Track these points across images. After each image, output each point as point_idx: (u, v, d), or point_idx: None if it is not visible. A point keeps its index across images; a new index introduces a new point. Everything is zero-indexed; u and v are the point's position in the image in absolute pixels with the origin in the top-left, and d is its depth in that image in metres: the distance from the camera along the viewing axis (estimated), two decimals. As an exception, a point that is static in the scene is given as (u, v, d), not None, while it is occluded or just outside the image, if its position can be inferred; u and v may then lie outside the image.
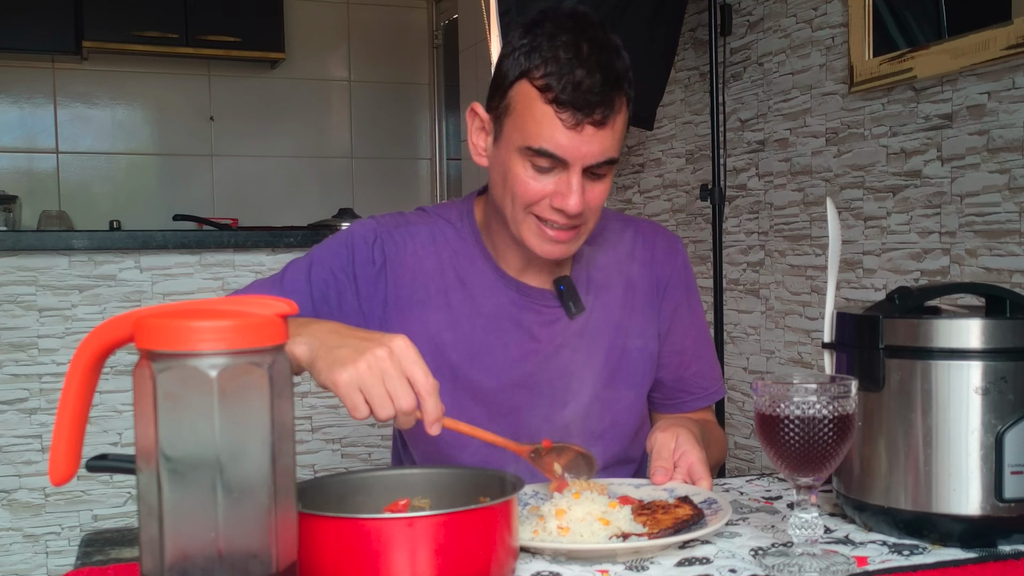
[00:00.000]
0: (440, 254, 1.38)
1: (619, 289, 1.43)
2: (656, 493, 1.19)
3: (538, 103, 1.21)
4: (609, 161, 1.25)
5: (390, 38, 5.34)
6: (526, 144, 1.23)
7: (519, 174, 1.25)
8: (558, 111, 1.20)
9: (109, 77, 4.83)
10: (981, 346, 1.01)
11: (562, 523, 1.05)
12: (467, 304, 1.37)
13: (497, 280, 1.38)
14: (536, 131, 1.22)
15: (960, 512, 1.01)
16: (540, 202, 1.26)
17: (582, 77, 1.19)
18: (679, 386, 1.50)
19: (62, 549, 2.70)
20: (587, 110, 1.20)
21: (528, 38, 1.24)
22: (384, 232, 1.38)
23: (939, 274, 2.13)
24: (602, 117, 1.21)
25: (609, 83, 1.21)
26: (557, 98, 1.20)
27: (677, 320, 1.47)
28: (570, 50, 1.21)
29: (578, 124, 1.20)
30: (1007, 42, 1.90)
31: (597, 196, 1.27)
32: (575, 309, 1.38)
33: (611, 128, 1.23)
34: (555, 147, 1.21)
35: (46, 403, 2.68)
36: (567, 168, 1.23)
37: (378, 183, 5.33)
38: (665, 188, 3.30)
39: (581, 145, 1.21)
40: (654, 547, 1.02)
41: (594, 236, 1.41)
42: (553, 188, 1.24)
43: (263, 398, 0.74)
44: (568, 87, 1.19)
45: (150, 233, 2.78)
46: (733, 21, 2.87)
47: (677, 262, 1.48)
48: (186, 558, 0.73)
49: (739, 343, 2.90)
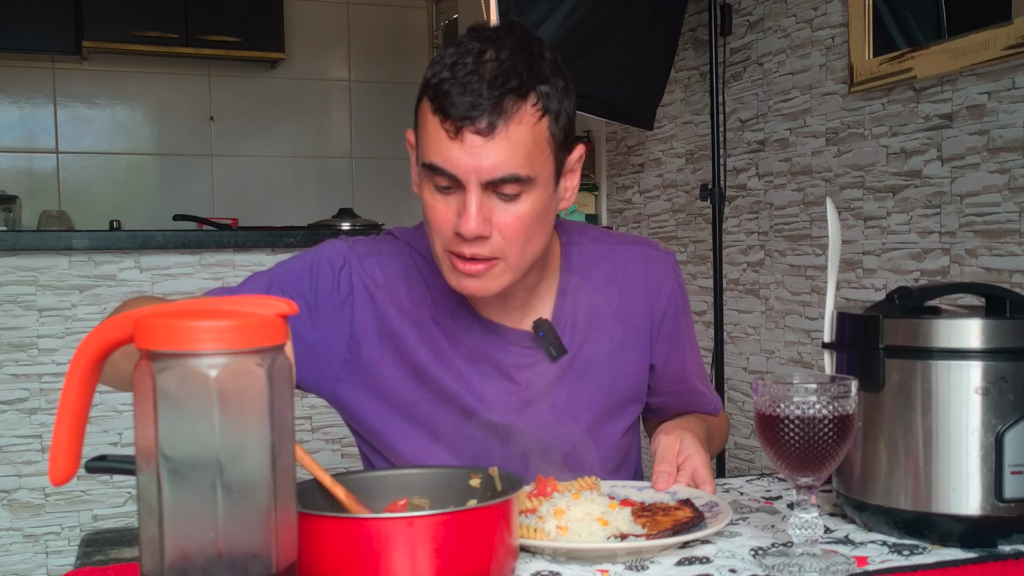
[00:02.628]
0: (412, 291, 1.28)
1: (608, 324, 1.32)
2: (658, 496, 1.19)
3: (428, 116, 1.12)
4: (512, 178, 1.10)
5: (390, 38, 5.35)
6: (422, 161, 1.14)
7: (426, 198, 1.16)
8: (442, 120, 1.10)
9: (109, 77, 4.83)
10: (981, 346, 1.01)
11: (560, 523, 1.05)
12: (441, 344, 1.27)
13: (473, 321, 1.28)
14: (426, 146, 1.13)
15: (960, 512, 1.01)
16: (445, 230, 1.15)
17: (468, 82, 1.08)
18: (685, 409, 1.44)
19: (62, 549, 2.70)
20: (466, 115, 1.08)
21: (446, 49, 1.14)
22: (354, 259, 1.28)
23: (939, 274, 2.14)
24: (487, 125, 1.08)
25: (499, 86, 1.08)
26: (440, 106, 1.10)
27: (675, 347, 1.38)
28: (469, 56, 1.10)
29: (459, 133, 1.09)
30: (1007, 42, 1.90)
31: (511, 222, 1.13)
32: (556, 353, 1.28)
33: (505, 138, 1.09)
34: (442, 161, 1.10)
35: (46, 403, 2.69)
36: (463, 187, 1.11)
37: (378, 183, 5.32)
38: (665, 188, 3.30)
39: (465, 157, 1.09)
40: (652, 548, 1.02)
41: (581, 265, 1.33)
42: (454, 211, 1.13)
43: (263, 398, 0.74)
44: (452, 92, 1.08)
45: (150, 233, 2.78)
46: (733, 21, 2.87)
47: (672, 287, 1.37)
48: (186, 558, 0.73)
49: (739, 343, 2.90)
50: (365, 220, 3.68)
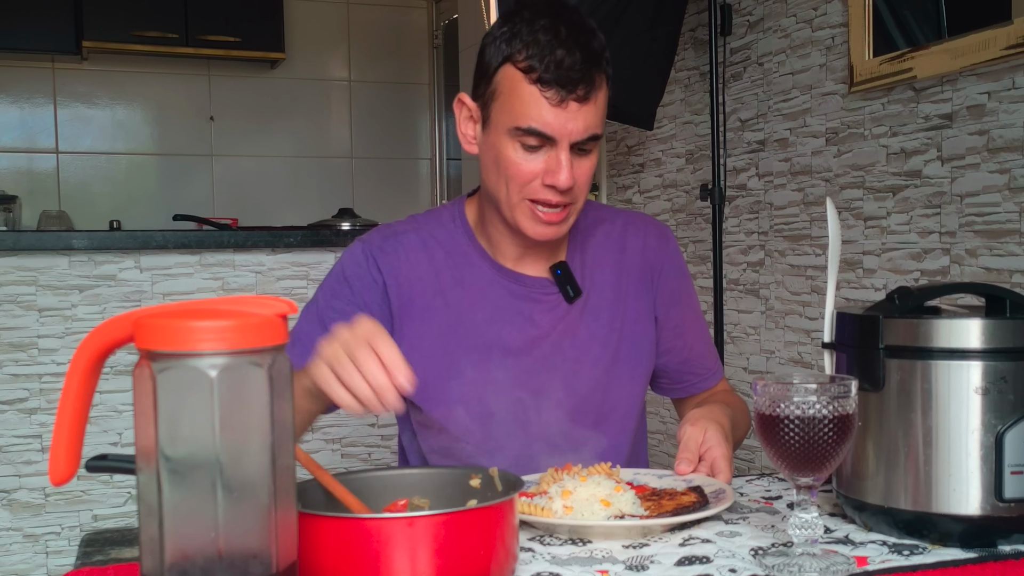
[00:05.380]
0: (433, 258, 1.41)
1: (613, 275, 1.46)
2: (674, 483, 1.22)
3: (523, 84, 1.27)
4: (593, 137, 1.30)
5: (390, 38, 5.34)
6: (515, 125, 1.28)
7: (510, 156, 1.30)
8: (543, 90, 1.26)
9: (109, 77, 4.83)
10: (981, 346, 1.01)
11: (567, 503, 1.09)
12: (467, 301, 1.40)
13: (494, 274, 1.41)
14: (523, 111, 1.27)
15: (960, 512, 1.01)
16: (532, 182, 1.30)
17: (563, 56, 1.25)
18: (684, 368, 1.53)
19: (62, 549, 2.70)
20: (570, 87, 1.25)
21: (508, 25, 1.30)
22: (373, 249, 1.41)
23: (939, 274, 2.13)
24: (584, 93, 1.26)
25: (589, 61, 1.27)
26: (541, 77, 1.25)
27: (673, 304, 1.50)
28: (549, 32, 1.26)
29: (562, 101, 1.26)
30: (1007, 42, 1.90)
31: (584, 172, 1.32)
32: (573, 293, 1.41)
33: (593, 104, 1.28)
34: (542, 125, 1.27)
35: (46, 403, 2.68)
36: (555, 145, 1.28)
37: (378, 183, 5.32)
38: (665, 188, 3.30)
39: (567, 122, 1.27)
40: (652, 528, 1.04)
41: (587, 225, 1.47)
42: (543, 166, 1.29)
43: (263, 398, 0.74)
44: (551, 66, 1.25)
45: (150, 233, 2.78)
46: (733, 21, 2.87)
47: (669, 249, 1.51)
48: (186, 558, 0.73)
49: (739, 343, 2.90)
50: (365, 220, 3.69)
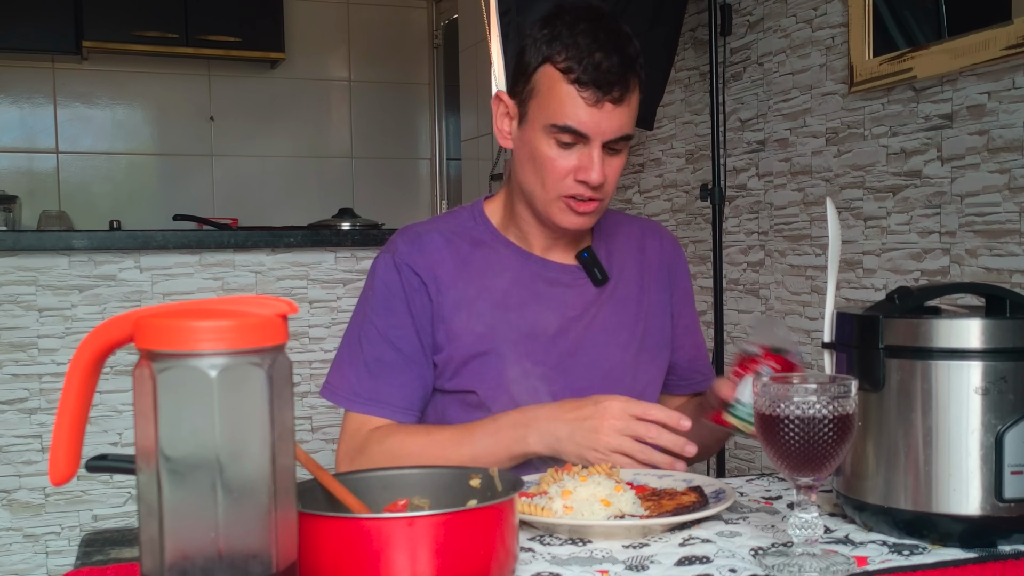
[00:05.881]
0: (458, 251, 1.46)
1: (635, 270, 1.53)
2: (674, 483, 1.22)
3: (561, 84, 1.33)
4: (625, 137, 1.37)
5: (390, 38, 5.34)
6: (551, 122, 1.34)
7: (545, 152, 1.36)
8: (580, 90, 1.32)
9: (109, 77, 4.83)
10: (981, 346, 1.01)
11: (567, 503, 1.09)
12: (500, 287, 1.44)
13: (523, 261, 1.47)
14: (560, 109, 1.33)
15: (960, 512, 1.01)
16: (566, 179, 1.36)
17: (601, 59, 1.31)
18: (692, 366, 1.59)
19: (62, 549, 2.70)
20: (606, 88, 1.32)
21: (548, 28, 1.36)
22: (401, 256, 1.45)
23: (939, 274, 2.14)
24: (619, 95, 1.33)
25: (625, 64, 1.33)
26: (579, 79, 1.32)
27: (686, 305, 1.59)
28: (588, 36, 1.33)
29: (598, 101, 1.32)
30: (1007, 42, 1.90)
31: (614, 170, 1.39)
32: (600, 276, 1.48)
33: (627, 106, 1.35)
34: (578, 123, 1.33)
35: (46, 403, 2.68)
36: (588, 143, 1.34)
37: (378, 183, 5.33)
38: (665, 188, 3.30)
39: (601, 121, 1.33)
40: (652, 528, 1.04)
41: (608, 226, 1.54)
42: (576, 163, 1.35)
43: (263, 398, 0.73)
44: (589, 68, 1.31)
45: (150, 233, 2.78)
46: (733, 21, 2.87)
47: (680, 254, 1.61)
48: (186, 558, 0.73)
49: (739, 343, 2.90)
50: (365, 220, 3.68)
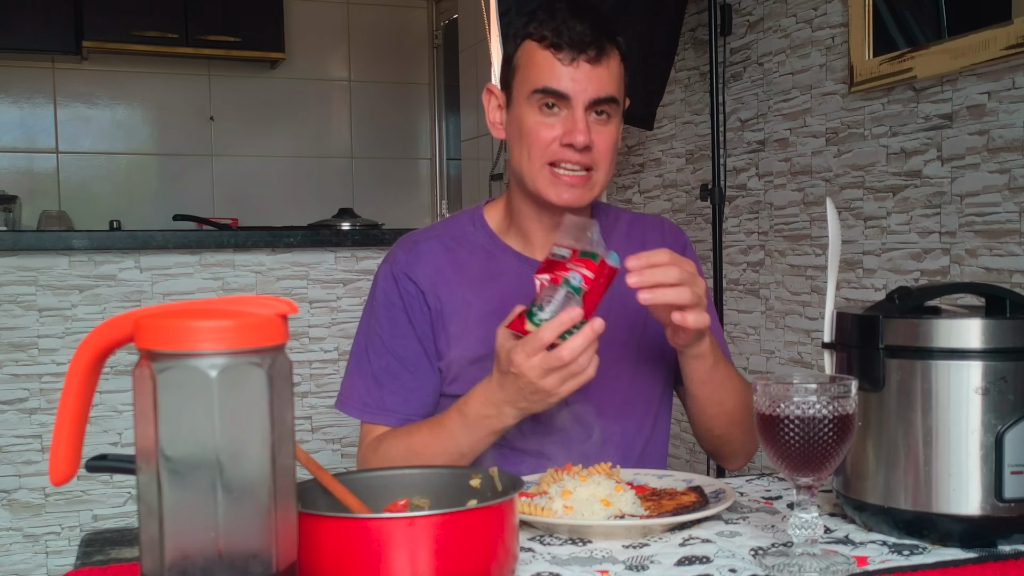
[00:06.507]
0: (456, 258, 1.47)
1: None
2: (674, 483, 1.22)
3: (538, 51, 1.38)
4: (610, 99, 1.38)
5: (390, 38, 5.34)
6: (532, 88, 1.38)
7: (529, 121, 1.39)
8: (555, 52, 1.37)
9: (109, 77, 4.83)
10: (981, 346, 1.01)
11: (567, 503, 1.09)
12: (498, 293, 1.43)
13: (520, 265, 1.46)
14: (538, 75, 1.38)
15: (960, 512, 1.01)
16: (552, 145, 1.38)
17: (574, 24, 1.37)
18: None
19: (62, 549, 2.70)
20: (580, 47, 1.36)
21: (527, 15, 1.42)
22: (399, 266, 1.47)
23: (939, 274, 2.14)
24: (595, 55, 1.36)
25: (599, 28, 1.38)
26: (553, 42, 1.37)
27: None
28: (563, 10, 1.39)
29: (574, 60, 1.36)
30: (1007, 42, 1.90)
31: (605, 140, 1.39)
32: None
33: (606, 68, 1.38)
34: (556, 83, 1.36)
35: (46, 403, 2.68)
36: (571, 104, 1.37)
37: (378, 183, 5.32)
38: (665, 188, 3.30)
39: (580, 79, 1.36)
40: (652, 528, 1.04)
41: (608, 222, 1.53)
42: (561, 128, 1.37)
43: (263, 398, 0.74)
44: (563, 31, 1.37)
45: (150, 233, 2.78)
46: (733, 21, 2.87)
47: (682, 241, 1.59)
48: (186, 558, 0.73)
49: (739, 343, 2.90)
50: (365, 220, 3.68)
